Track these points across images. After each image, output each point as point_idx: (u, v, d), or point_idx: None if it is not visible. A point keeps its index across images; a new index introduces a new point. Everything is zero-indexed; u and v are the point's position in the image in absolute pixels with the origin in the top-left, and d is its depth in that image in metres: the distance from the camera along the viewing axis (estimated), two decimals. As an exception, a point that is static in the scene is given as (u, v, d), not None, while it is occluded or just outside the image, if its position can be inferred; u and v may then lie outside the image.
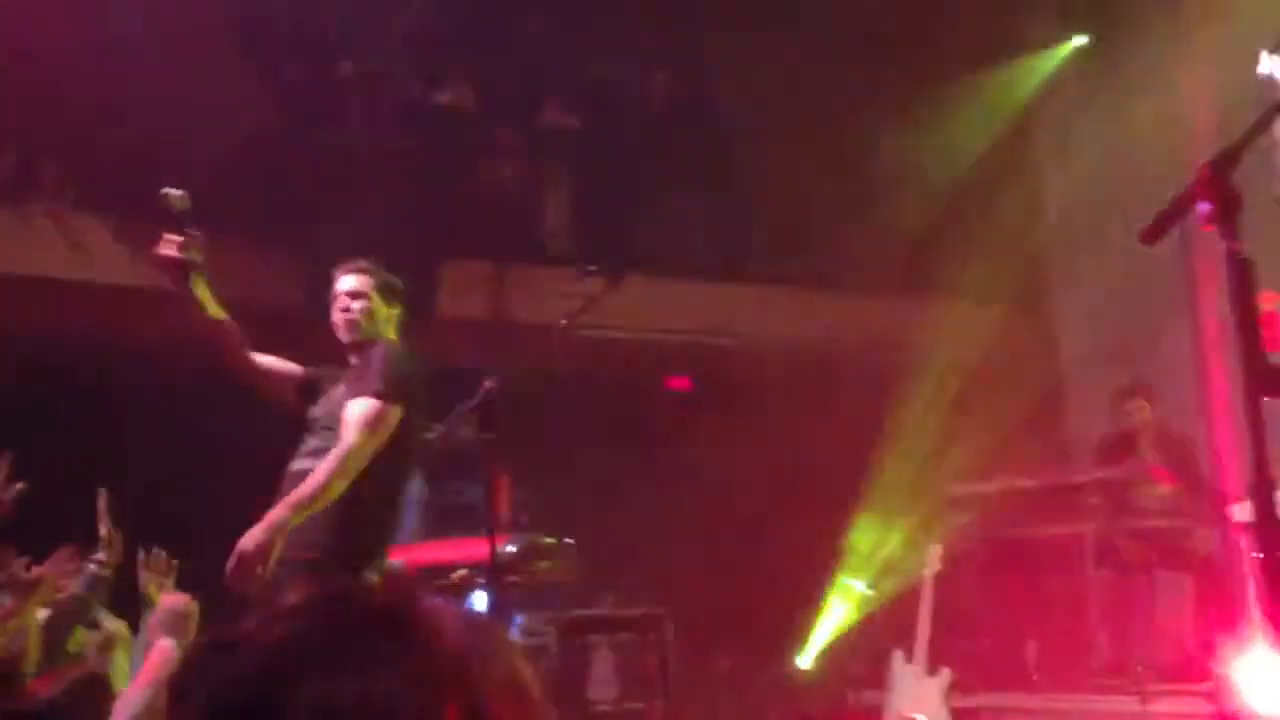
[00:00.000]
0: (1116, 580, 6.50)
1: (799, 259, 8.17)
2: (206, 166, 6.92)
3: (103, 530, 3.59)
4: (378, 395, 3.68)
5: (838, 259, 8.04)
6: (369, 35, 7.88)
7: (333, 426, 3.72)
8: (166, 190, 3.68)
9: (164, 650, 2.98)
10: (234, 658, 0.82)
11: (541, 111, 8.49)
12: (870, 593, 7.30)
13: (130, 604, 3.59)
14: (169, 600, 3.17)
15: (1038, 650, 6.67)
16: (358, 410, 3.68)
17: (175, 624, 3.07)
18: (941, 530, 6.58)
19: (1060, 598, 6.90)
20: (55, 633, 3.27)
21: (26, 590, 3.09)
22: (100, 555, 3.53)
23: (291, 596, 0.86)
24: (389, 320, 4.04)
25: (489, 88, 8.21)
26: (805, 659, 7.57)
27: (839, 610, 7.56)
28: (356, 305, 3.98)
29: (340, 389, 3.87)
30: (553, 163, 8.48)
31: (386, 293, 4.06)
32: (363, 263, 4.10)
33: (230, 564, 3.36)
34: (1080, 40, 8.57)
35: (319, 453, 3.71)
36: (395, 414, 3.70)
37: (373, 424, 3.65)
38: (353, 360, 3.94)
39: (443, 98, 8.13)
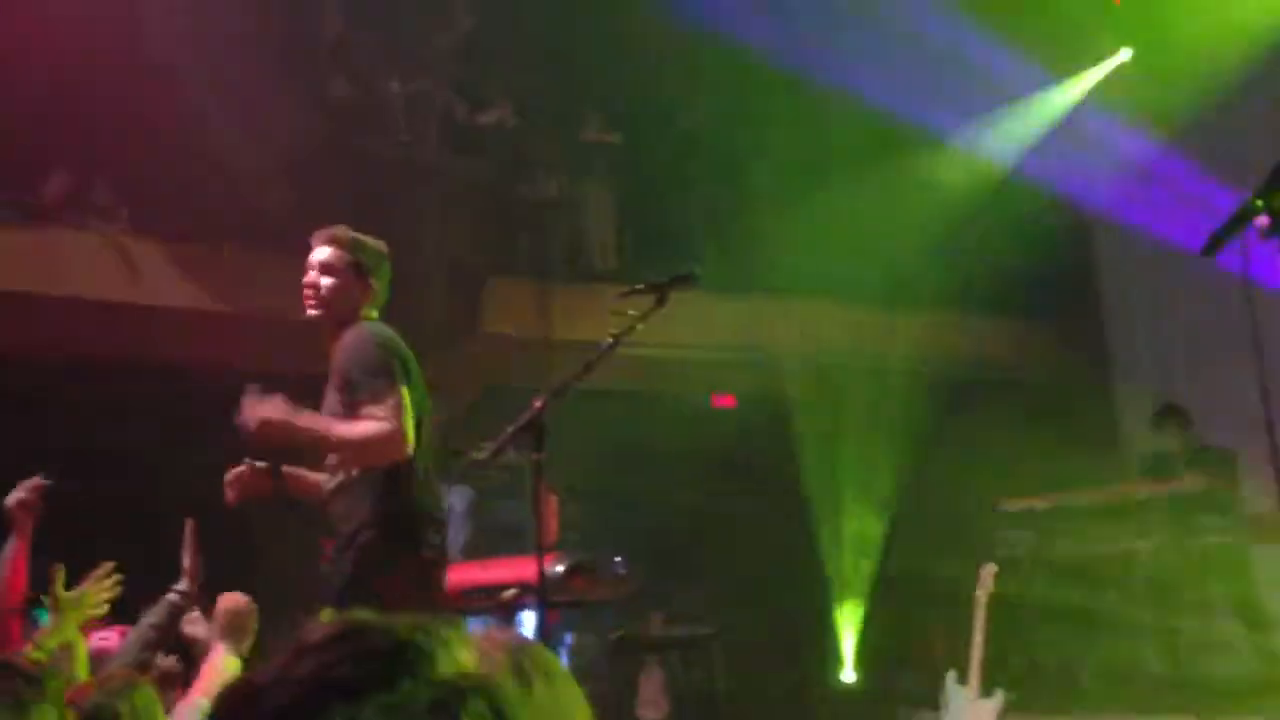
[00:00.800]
0: (1170, 597, 6.38)
1: (842, 274, 8.14)
2: (255, 185, 7.01)
3: (186, 560, 3.53)
4: (386, 393, 3.45)
5: (883, 274, 8.00)
6: (414, 56, 7.94)
7: None
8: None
9: (220, 654, 2.96)
10: (259, 700, 0.84)
11: (583, 129, 8.52)
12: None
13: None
14: (227, 601, 3.12)
15: (1093, 669, 6.55)
16: (376, 418, 3.45)
17: (233, 627, 3.02)
18: (995, 548, 6.50)
19: (1115, 615, 6.77)
20: (135, 663, 3.25)
21: (66, 608, 3.09)
22: (181, 586, 3.49)
23: (314, 634, 0.88)
24: (365, 296, 3.68)
25: (531, 106, 8.25)
26: (848, 673, 7.50)
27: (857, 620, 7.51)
28: (325, 281, 3.63)
29: (331, 393, 3.63)
30: (596, 180, 8.50)
31: (362, 267, 3.67)
32: (339, 230, 3.71)
33: (250, 421, 3.38)
34: (1125, 54, 8.50)
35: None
36: (404, 395, 3.47)
37: (398, 426, 3.42)
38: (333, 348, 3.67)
39: (486, 117, 8.18)
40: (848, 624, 7.68)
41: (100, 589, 3.24)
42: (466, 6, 8.24)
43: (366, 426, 3.45)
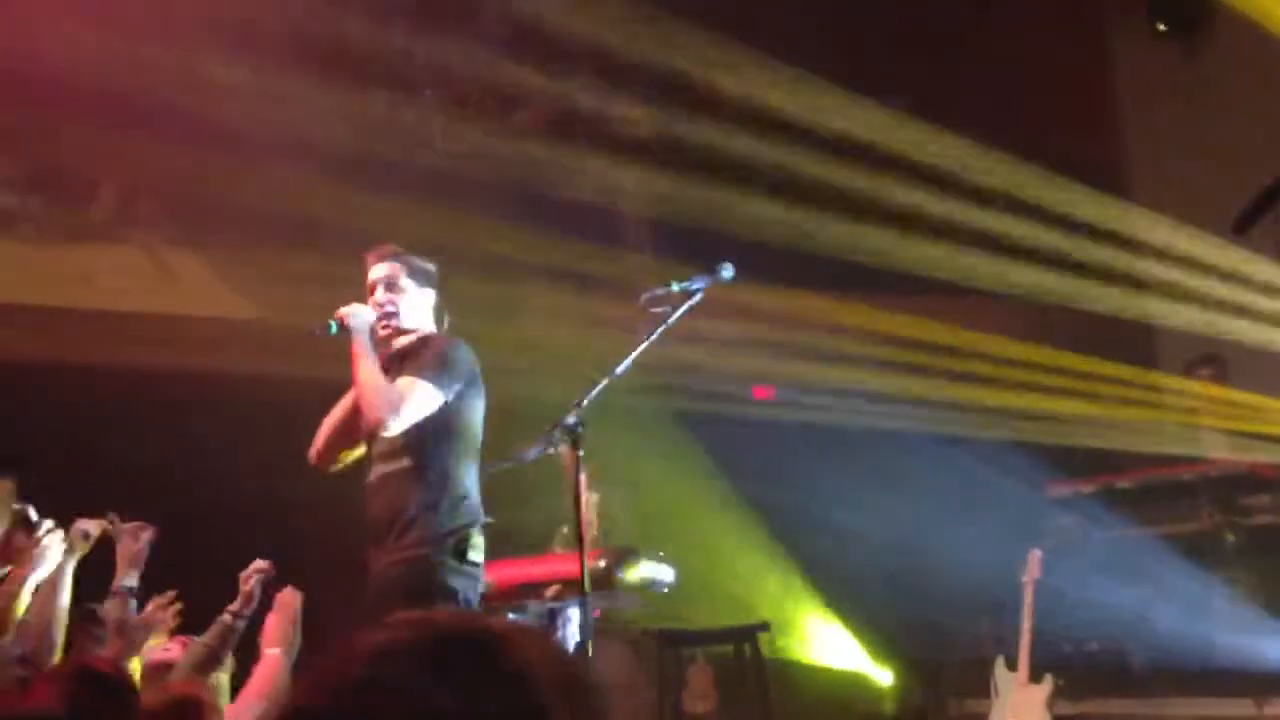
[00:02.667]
0: (1224, 579, 6.31)
1: (879, 263, 8.12)
2: (295, 193, 7.11)
3: (246, 586, 3.57)
4: (424, 379, 3.68)
5: (918, 261, 7.95)
6: (448, 57, 8.00)
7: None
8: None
9: (272, 661, 2.98)
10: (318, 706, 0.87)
11: (618, 126, 8.55)
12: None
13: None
14: (280, 606, 3.15)
15: (1146, 654, 6.49)
16: (400, 384, 3.69)
17: (283, 633, 3.06)
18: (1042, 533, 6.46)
19: (1165, 599, 6.72)
20: (187, 680, 3.30)
21: (133, 634, 3.14)
22: (234, 606, 3.53)
23: (372, 637, 0.90)
24: (426, 306, 3.93)
25: (566, 104, 8.28)
26: (884, 674, 7.45)
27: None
28: (392, 297, 3.86)
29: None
30: (633, 176, 8.53)
31: (420, 277, 3.92)
32: (390, 247, 3.93)
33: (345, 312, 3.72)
34: (1160, 28, 8.38)
35: (389, 455, 3.75)
36: (436, 400, 3.69)
37: (407, 402, 3.65)
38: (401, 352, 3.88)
39: (521, 116, 8.23)
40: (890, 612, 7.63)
41: (163, 616, 3.29)
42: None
43: (387, 387, 3.65)
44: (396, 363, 3.83)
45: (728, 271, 3.85)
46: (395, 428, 3.65)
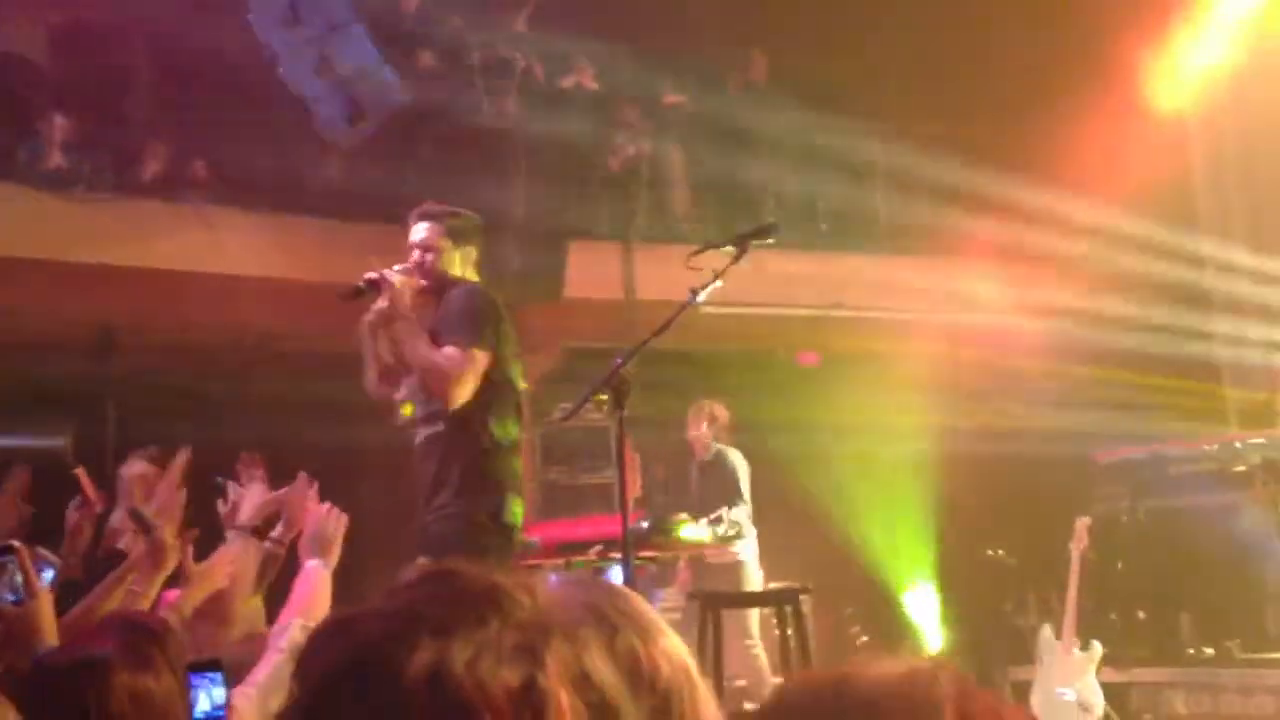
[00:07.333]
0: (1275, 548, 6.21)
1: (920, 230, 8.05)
2: (344, 153, 7.15)
3: (284, 511, 3.57)
4: (466, 344, 3.71)
5: (961, 232, 7.87)
6: (496, 23, 7.99)
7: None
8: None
9: (313, 571, 2.95)
10: (352, 631, 0.87)
11: (662, 90, 8.51)
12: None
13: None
14: (315, 518, 3.11)
15: (1194, 623, 6.41)
16: (451, 356, 3.72)
17: (323, 544, 3.02)
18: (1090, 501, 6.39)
19: (1217, 567, 6.63)
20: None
21: (195, 579, 3.15)
22: (275, 533, 3.54)
23: (408, 575, 0.91)
24: (465, 261, 3.97)
25: (611, 69, 8.25)
26: (936, 641, 7.43)
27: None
28: (429, 257, 3.93)
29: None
30: (676, 141, 8.49)
31: (457, 235, 3.97)
32: (430, 208, 4.02)
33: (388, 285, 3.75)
34: None
35: (431, 418, 3.79)
36: (484, 359, 3.73)
37: (464, 373, 3.69)
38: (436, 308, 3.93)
39: (567, 81, 8.21)
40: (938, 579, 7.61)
41: (224, 561, 3.30)
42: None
43: (439, 355, 3.71)
44: (439, 327, 3.84)
45: (774, 230, 3.82)
46: (460, 400, 3.70)
